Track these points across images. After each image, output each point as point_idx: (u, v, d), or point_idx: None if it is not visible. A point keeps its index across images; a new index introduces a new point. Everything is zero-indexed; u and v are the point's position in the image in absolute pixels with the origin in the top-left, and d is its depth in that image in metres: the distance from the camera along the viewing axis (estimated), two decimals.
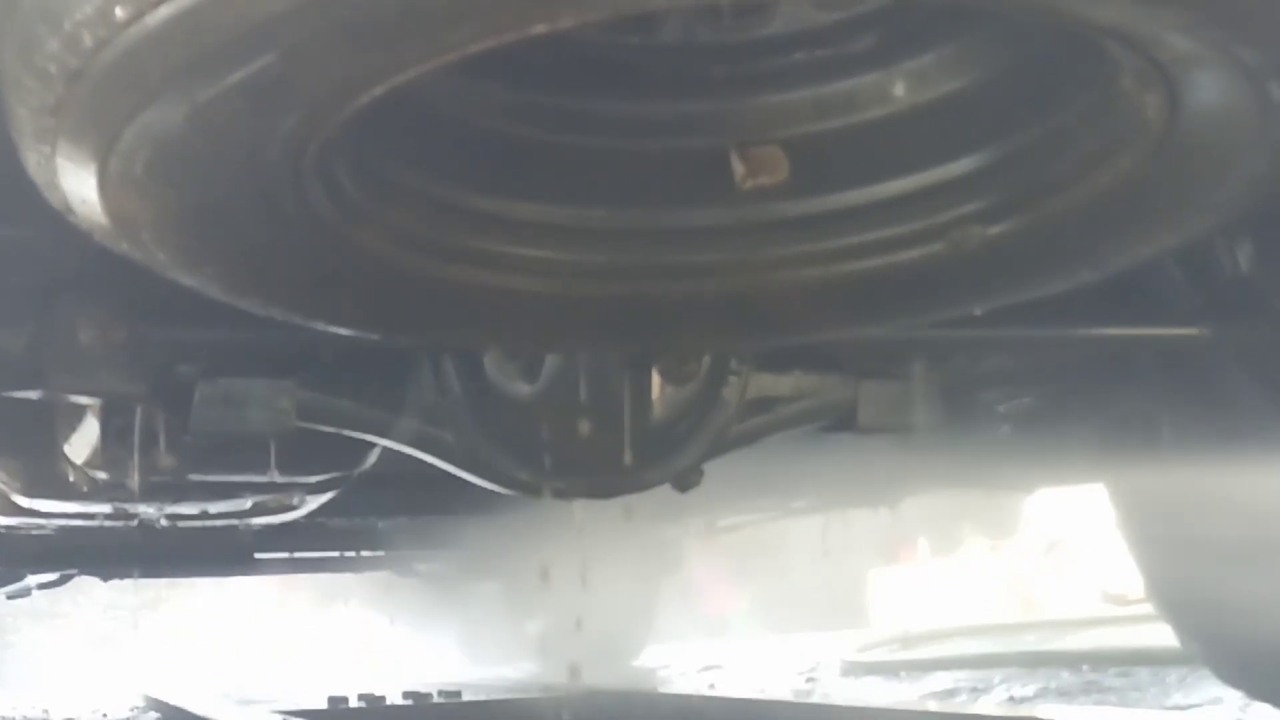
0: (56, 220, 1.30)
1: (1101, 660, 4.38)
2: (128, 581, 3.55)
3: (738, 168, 1.47)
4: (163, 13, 0.96)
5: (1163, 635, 2.97)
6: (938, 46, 1.48)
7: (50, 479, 2.03)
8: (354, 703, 4.07)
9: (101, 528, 2.24)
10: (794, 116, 1.52)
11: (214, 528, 2.41)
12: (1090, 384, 2.33)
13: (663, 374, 1.87)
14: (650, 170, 1.55)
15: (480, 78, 1.45)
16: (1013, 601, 8.00)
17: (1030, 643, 5.32)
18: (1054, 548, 8.08)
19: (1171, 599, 2.71)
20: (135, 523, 2.27)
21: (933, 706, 3.79)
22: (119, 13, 0.97)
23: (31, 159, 1.18)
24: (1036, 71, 1.42)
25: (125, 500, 2.06)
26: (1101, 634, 5.16)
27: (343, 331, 1.61)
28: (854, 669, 5.24)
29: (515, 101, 1.50)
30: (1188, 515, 2.36)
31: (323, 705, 4.07)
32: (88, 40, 1.00)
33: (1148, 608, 3.00)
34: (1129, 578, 3.13)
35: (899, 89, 1.49)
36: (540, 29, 1.01)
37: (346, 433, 1.92)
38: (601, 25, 1.42)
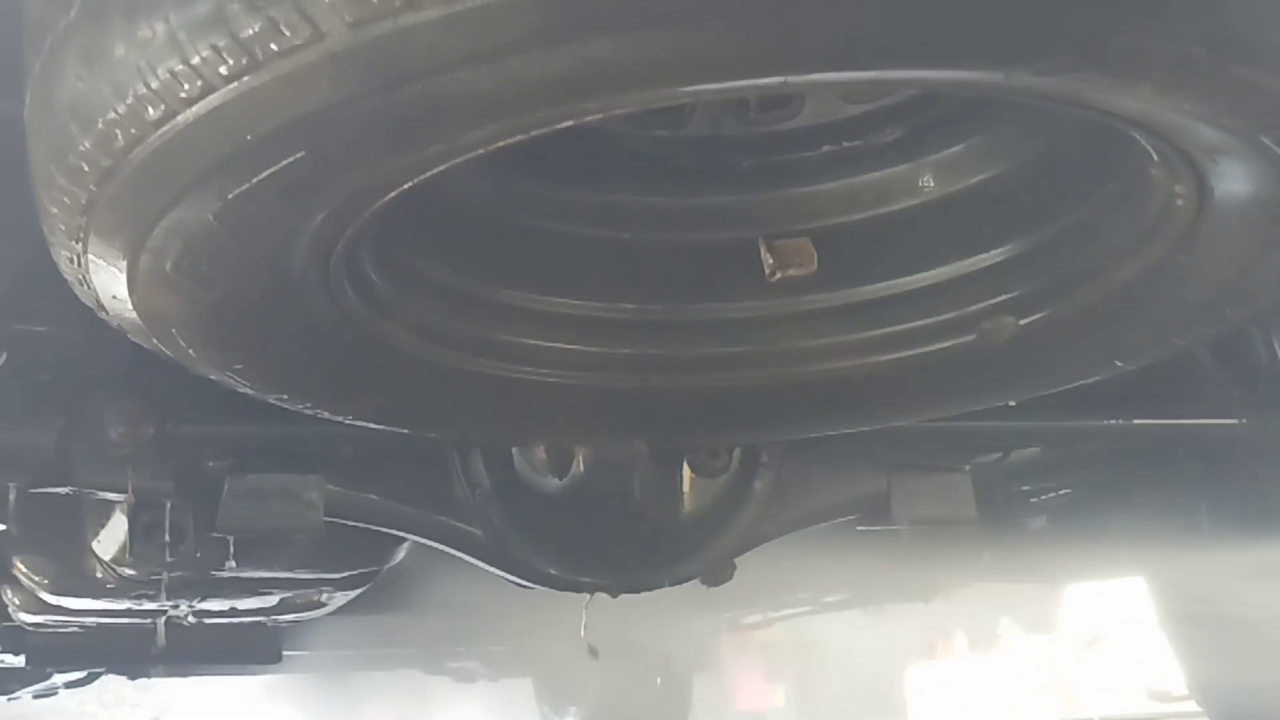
0: (87, 317, 1.31)
1: None
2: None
3: (767, 260, 1.47)
4: (194, 112, 0.97)
5: None
6: (966, 137, 1.48)
7: (78, 576, 2.02)
8: None
9: (129, 625, 2.23)
10: (823, 208, 1.52)
11: (242, 625, 2.39)
12: (1127, 475, 2.29)
13: (693, 467, 1.86)
14: (679, 263, 1.55)
15: (507, 172, 1.46)
16: (1054, 698, 7.82)
17: None
18: (1095, 642, 7.91)
19: (1215, 695, 2.64)
20: (163, 620, 2.26)
21: None
22: (151, 112, 0.98)
23: (63, 256, 1.19)
24: (1065, 162, 1.42)
25: (153, 597, 2.05)
26: None
27: (371, 426, 1.60)
28: None
29: (543, 195, 1.50)
30: (1229, 609, 2.30)
31: None
32: (120, 139, 1.01)
33: (1193, 704, 2.92)
34: (1174, 673, 3.05)
35: (928, 180, 1.49)
36: (566, 123, 1.01)
37: (374, 528, 1.91)
38: (628, 118, 1.43)
